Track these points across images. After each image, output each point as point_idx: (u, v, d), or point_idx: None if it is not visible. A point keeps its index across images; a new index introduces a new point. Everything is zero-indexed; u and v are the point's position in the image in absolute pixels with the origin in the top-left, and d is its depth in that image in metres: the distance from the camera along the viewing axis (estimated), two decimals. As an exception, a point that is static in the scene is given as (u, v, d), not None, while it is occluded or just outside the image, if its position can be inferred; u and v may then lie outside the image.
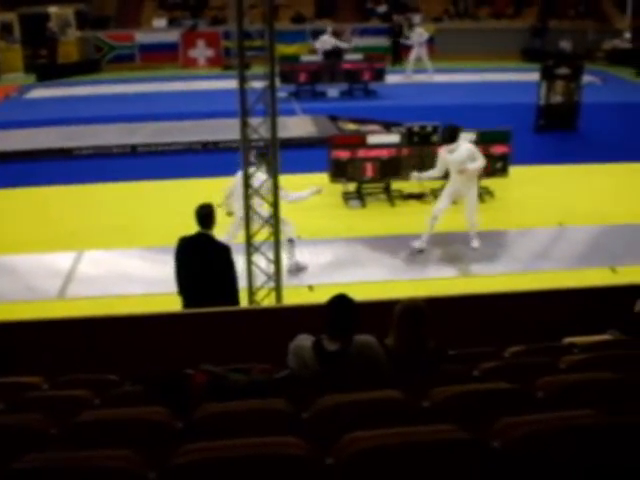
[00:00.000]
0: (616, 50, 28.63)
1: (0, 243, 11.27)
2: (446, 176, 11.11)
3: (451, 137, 10.93)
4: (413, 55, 24.98)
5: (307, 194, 10.32)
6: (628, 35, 28.43)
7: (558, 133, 17.32)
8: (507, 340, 5.64)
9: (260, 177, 8.73)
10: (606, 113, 19.65)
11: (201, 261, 7.71)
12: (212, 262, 7.71)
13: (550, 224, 11.86)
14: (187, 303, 7.82)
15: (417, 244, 10.96)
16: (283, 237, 9.97)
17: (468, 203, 10.97)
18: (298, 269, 10.38)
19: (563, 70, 17.78)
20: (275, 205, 8.25)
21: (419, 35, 24.84)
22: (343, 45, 25.14)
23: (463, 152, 10.65)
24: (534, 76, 18.42)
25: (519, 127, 14.70)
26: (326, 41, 24.93)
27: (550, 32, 28.61)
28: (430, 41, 25.63)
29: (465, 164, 10.59)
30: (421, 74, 25.05)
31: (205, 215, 7.66)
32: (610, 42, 28.85)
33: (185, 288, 7.84)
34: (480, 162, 10.65)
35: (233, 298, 7.82)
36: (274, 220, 8.34)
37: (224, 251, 7.71)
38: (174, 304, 8.07)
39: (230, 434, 3.18)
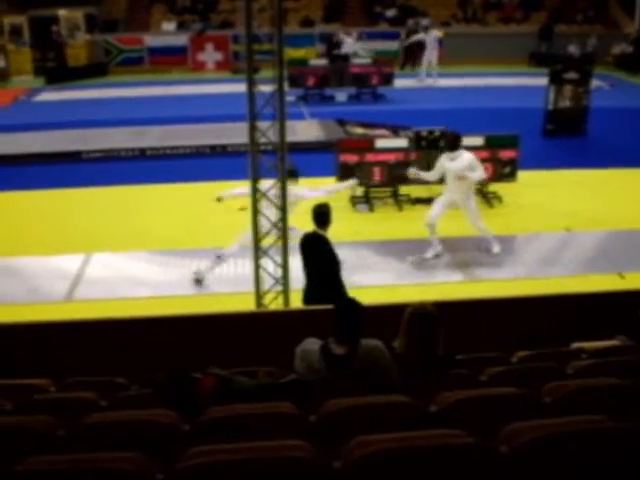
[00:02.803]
0: (625, 54, 28.60)
1: (10, 245, 11.33)
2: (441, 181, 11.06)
3: (453, 145, 10.65)
4: (426, 58, 25.03)
5: (343, 186, 11.47)
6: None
7: (566, 138, 17.28)
8: (514, 345, 5.63)
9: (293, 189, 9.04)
10: (615, 118, 19.62)
11: (308, 258, 8.24)
12: (317, 259, 8.20)
13: (558, 229, 11.83)
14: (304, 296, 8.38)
15: (430, 253, 10.79)
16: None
17: (468, 213, 10.81)
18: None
19: (572, 75, 17.74)
20: (283, 209, 8.25)
21: (434, 36, 24.85)
22: (361, 52, 25.73)
23: (464, 161, 10.44)
24: (542, 80, 18.41)
25: (527, 132, 14.67)
26: (351, 45, 25.66)
27: (558, 37, 28.60)
28: (439, 45, 25.62)
29: (464, 173, 10.41)
30: (429, 78, 25.08)
31: (317, 214, 8.09)
32: (619, 47, 28.84)
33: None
34: (480, 172, 10.48)
35: (337, 293, 8.02)
36: (282, 224, 8.34)
37: (325, 250, 8.11)
38: (182, 307, 8.06)
39: (237, 437, 3.18)
